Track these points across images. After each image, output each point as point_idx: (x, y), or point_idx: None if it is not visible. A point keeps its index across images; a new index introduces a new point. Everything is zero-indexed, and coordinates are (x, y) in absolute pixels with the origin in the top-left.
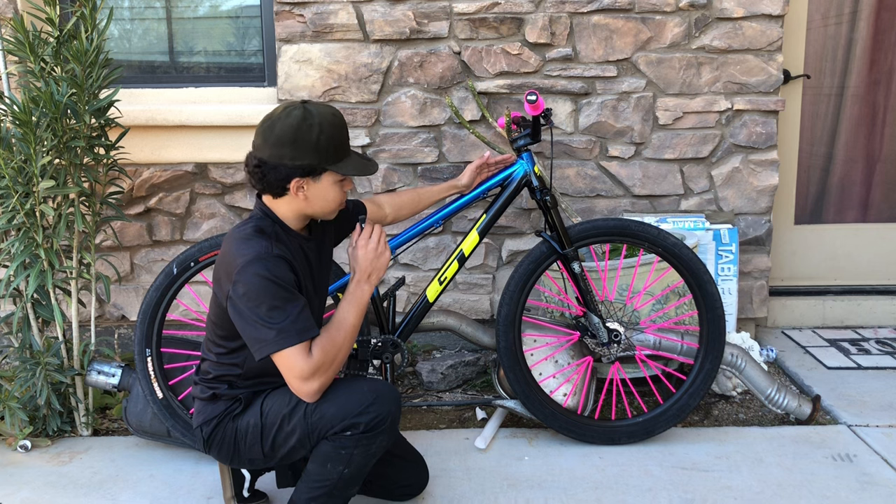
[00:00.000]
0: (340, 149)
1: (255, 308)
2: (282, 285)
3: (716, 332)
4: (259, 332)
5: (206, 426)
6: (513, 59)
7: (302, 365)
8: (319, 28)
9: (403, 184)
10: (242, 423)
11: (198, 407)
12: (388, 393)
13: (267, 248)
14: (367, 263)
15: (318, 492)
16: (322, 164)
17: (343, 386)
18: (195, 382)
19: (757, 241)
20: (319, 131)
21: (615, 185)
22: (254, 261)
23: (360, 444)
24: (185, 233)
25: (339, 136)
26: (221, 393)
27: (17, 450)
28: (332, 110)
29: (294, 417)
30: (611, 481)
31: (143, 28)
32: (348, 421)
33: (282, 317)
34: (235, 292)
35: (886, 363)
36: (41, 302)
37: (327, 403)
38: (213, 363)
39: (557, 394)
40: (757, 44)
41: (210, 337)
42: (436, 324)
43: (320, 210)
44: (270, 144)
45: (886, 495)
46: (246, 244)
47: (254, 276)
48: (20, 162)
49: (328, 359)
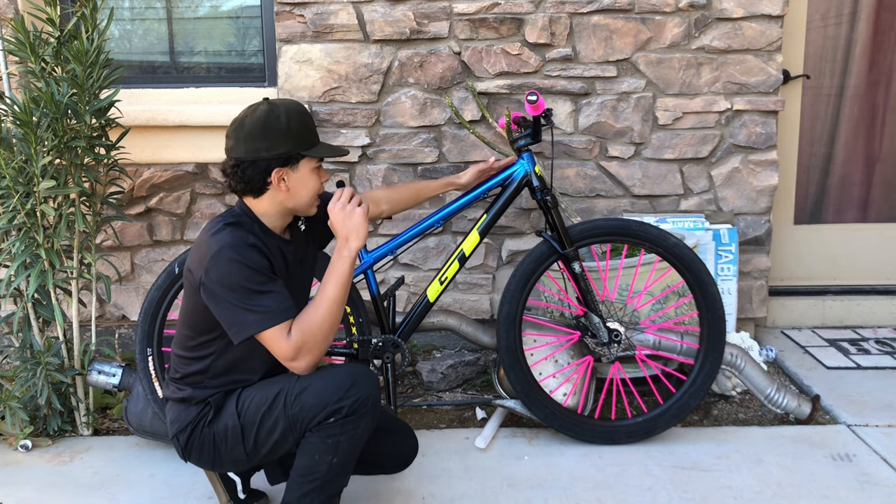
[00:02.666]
0: (311, 134)
1: (231, 291)
2: (256, 269)
3: (716, 332)
4: (236, 316)
5: (181, 435)
6: (513, 59)
7: (284, 346)
8: (320, 28)
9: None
10: (219, 426)
11: (170, 410)
12: (366, 375)
13: (241, 237)
14: (341, 225)
15: (310, 486)
16: (297, 150)
17: (320, 375)
18: (167, 380)
19: (756, 241)
20: (288, 119)
21: (615, 185)
22: (226, 247)
23: (346, 430)
24: (186, 233)
25: (306, 122)
26: (189, 396)
27: (18, 449)
28: (294, 102)
29: (274, 411)
30: (611, 481)
31: (143, 28)
32: (330, 407)
33: (258, 300)
34: (209, 278)
35: (886, 363)
36: (42, 302)
37: (306, 393)
38: (181, 359)
39: (557, 393)
40: (757, 44)
41: (178, 332)
42: (436, 324)
43: (302, 201)
44: (243, 141)
45: (886, 495)
46: (219, 233)
47: (228, 261)
48: (21, 162)
49: (308, 338)
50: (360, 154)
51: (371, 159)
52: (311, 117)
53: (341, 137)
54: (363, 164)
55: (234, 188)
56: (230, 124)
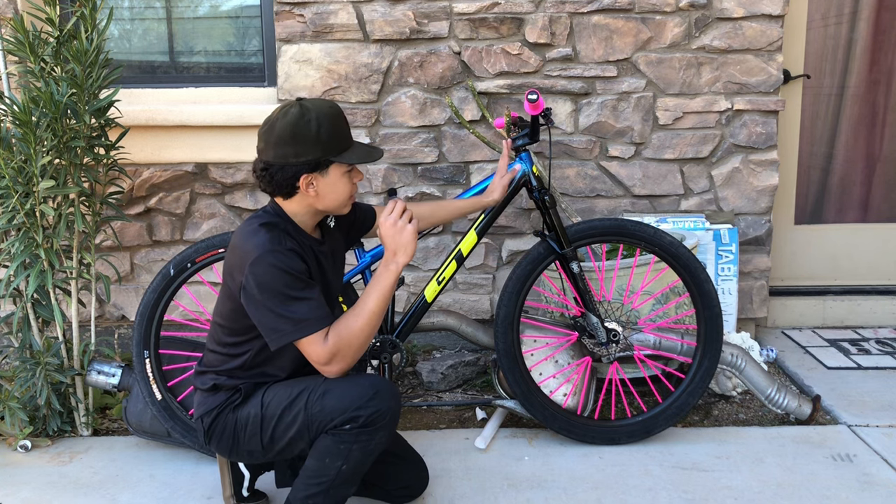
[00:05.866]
0: (342, 139)
1: (271, 298)
2: (296, 275)
3: (713, 329)
4: (275, 323)
5: (206, 417)
6: (513, 59)
7: (319, 351)
8: (319, 28)
9: (403, 184)
10: (243, 413)
11: (198, 399)
12: (389, 389)
13: (279, 241)
14: (391, 240)
15: (315, 489)
16: (327, 157)
17: (345, 380)
18: (197, 373)
19: (757, 241)
20: (318, 125)
21: (615, 185)
22: (268, 252)
23: (360, 439)
24: (185, 233)
25: (338, 127)
26: (222, 383)
27: (18, 450)
28: (328, 103)
29: (295, 408)
30: (611, 481)
31: (143, 28)
32: (349, 414)
33: (297, 307)
34: (249, 283)
35: (886, 363)
36: (41, 302)
37: (328, 396)
38: (216, 355)
39: (557, 394)
40: (757, 44)
41: (216, 330)
42: (436, 324)
43: (332, 204)
44: (272, 145)
45: (886, 495)
46: (257, 236)
47: (269, 266)
48: (20, 162)
49: (344, 344)
50: None
51: None
52: (343, 119)
53: None
54: (363, 164)
55: (264, 189)
56: (262, 125)
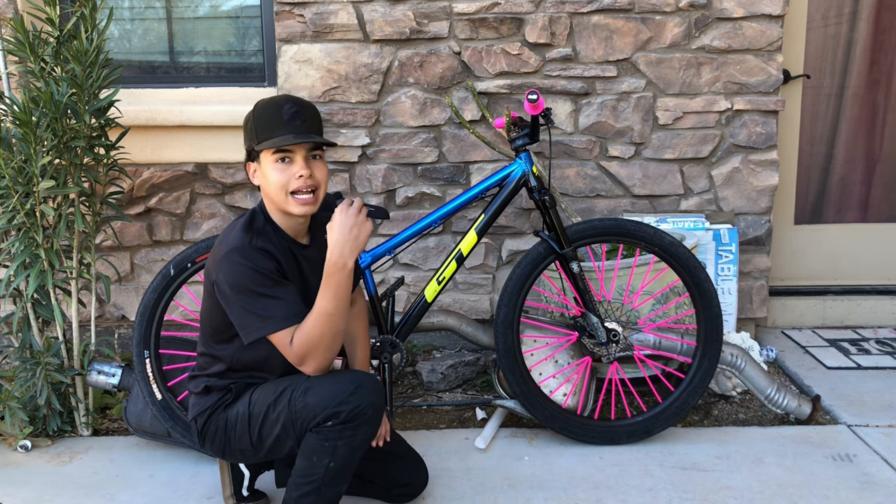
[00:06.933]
0: (274, 126)
1: (239, 294)
2: (263, 273)
3: (713, 329)
4: (244, 319)
5: (199, 418)
6: (513, 59)
7: (288, 350)
8: (319, 28)
9: (403, 184)
10: (232, 413)
11: (192, 401)
12: (370, 384)
13: (249, 240)
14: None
15: (307, 488)
16: (252, 144)
17: (328, 377)
18: (190, 377)
19: (757, 241)
20: (253, 113)
21: (615, 185)
22: (235, 249)
23: (344, 435)
24: (186, 233)
25: (269, 114)
26: (213, 384)
27: (18, 450)
28: (282, 95)
29: (279, 406)
30: (611, 481)
31: (143, 28)
32: (330, 410)
33: (265, 304)
34: (220, 279)
35: (886, 363)
36: (41, 302)
37: (310, 393)
38: (205, 357)
39: (557, 394)
40: (757, 44)
41: (201, 331)
42: (436, 324)
43: (272, 194)
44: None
45: (886, 495)
46: (231, 234)
47: (235, 264)
48: (20, 162)
49: (310, 348)
50: (360, 154)
51: (371, 159)
52: (281, 106)
53: (341, 137)
54: (363, 164)
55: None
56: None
